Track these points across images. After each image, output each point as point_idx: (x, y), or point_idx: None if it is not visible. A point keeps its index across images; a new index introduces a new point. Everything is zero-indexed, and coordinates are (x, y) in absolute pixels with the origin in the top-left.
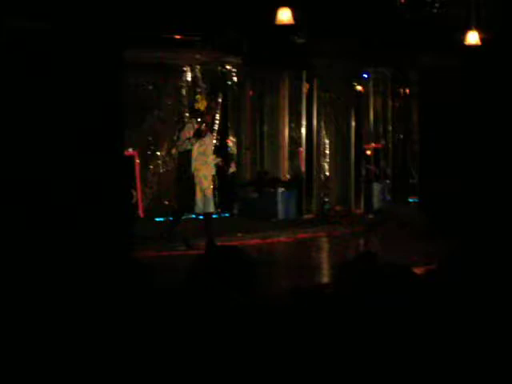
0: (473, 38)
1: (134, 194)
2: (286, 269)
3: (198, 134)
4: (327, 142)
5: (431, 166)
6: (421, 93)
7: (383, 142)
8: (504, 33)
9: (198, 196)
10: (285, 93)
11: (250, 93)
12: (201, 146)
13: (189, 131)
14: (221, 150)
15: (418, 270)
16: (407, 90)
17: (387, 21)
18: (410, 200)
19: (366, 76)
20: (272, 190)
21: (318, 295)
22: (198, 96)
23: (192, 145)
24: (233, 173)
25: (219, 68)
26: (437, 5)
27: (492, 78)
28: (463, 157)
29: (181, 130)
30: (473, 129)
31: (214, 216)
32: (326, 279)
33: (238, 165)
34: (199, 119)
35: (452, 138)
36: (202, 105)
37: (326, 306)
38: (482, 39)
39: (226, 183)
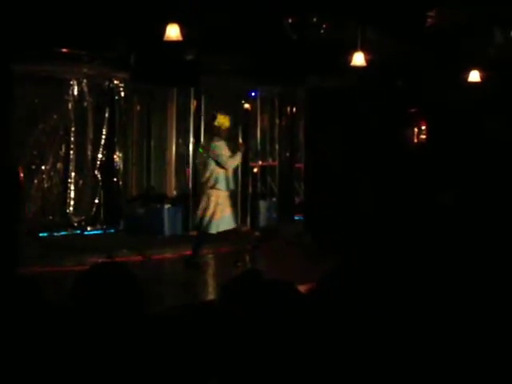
0: (359, 59)
1: (18, 209)
2: (172, 286)
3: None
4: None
5: (315, 184)
6: (307, 112)
7: (270, 159)
8: (389, 54)
9: (226, 212)
10: (173, 109)
11: (138, 108)
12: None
13: (224, 149)
14: (107, 165)
15: (301, 288)
16: (294, 109)
17: (276, 40)
18: (296, 218)
19: (254, 94)
20: (158, 206)
21: (203, 312)
22: (218, 113)
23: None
24: (118, 188)
25: (106, 83)
26: (324, 26)
27: (377, 97)
28: (345, 175)
29: (213, 150)
30: (355, 149)
31: (98, 232)
32: (211, 296)
33: (125, 180)
34: (222, 136)
35: (334, 156)
36: (225, 121)
37: (211, 322)
38: (367, 61)
39: (111, 198)
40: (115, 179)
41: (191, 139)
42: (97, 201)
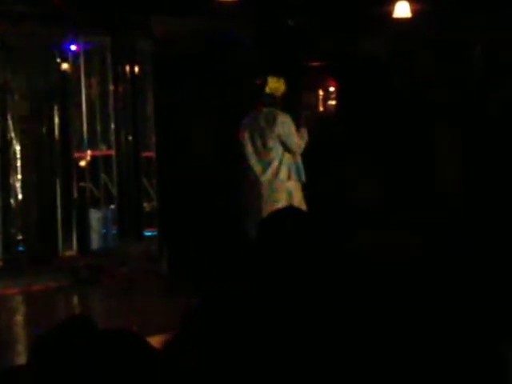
0: None
1: None
2: None
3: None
4: (18, 148)
5: (174, 183)
6: (157, 74)
7: (103, 147)
8: None
9: None
10: None
11: None
12: None
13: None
14: None
15: (154, 340)
16: (137, 70)
17: None
18: (147, 234)
19: (74, 48)
20: None
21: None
22: (269, 77)
23: None
24: None
25: None
26: None
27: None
28: (217, 166)
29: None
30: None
31: None
32: (21, 357)
33: None
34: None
35: (201, 140)
36: (280, 84)
37: None
38: None
39: None
40: None
41: None
42: None
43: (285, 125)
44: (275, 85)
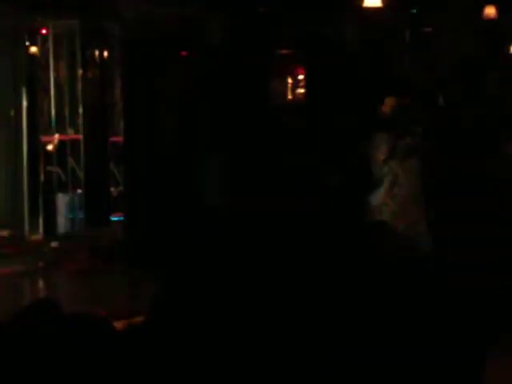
0: None
1: None
2: None
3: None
4: None
5: (140, 167)
6: (126, 58)
7: (71, 131)
8: None
9: None
10: None
11: None
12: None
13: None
14: None
15: (119, 324)
16: (106, 54)
17: None
18: (114, 218)
19: (43, 32)
20: None
21: None
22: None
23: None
24: None
25: None
26: None
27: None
28: (185, 152)
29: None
30: (201, 115)
31: None
32: None
33: None
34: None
35: (168, 125)
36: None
37: None
38: None
39: None
40: None
41: None
42: None
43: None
44: None
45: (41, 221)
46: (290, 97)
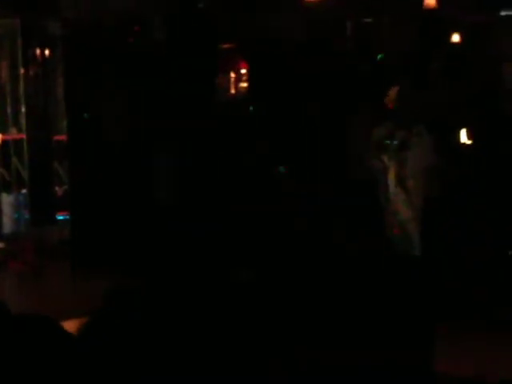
0: None
1: None
2: None
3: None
4: None
5: (85, 166)
6: (68, 56)
7: (14, 130)
8: None
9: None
10: None
11: None
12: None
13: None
14: None
15: (68, 324)
16: (48, 52)
17: None
18: (60, 217)
19: None
20: None
21: None
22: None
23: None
24: None
25: None
26: None
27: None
28: (131, 150)
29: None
30: (147, 112)
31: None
32: None
33: None
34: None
35: (112, 123)
36: None
37: None
38: None
39: None
40: None
41: None
42: None
43: None
44: None
45: None
46: (232, 91)
